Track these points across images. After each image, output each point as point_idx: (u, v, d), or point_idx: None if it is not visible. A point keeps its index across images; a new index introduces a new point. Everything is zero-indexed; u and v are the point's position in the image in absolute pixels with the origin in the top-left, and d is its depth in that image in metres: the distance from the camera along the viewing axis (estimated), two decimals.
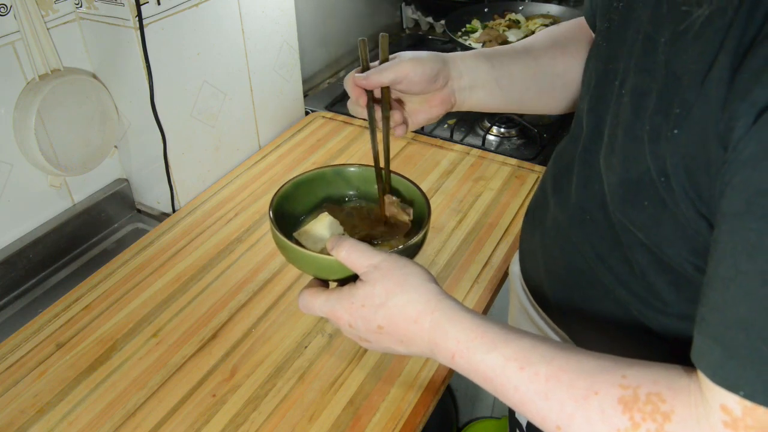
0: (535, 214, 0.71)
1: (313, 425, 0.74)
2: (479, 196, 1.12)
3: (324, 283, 0.65)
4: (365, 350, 0.83)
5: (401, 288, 0.55)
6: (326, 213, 0.71)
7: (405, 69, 0.67)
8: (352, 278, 0.60)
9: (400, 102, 0.73)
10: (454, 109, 0.74)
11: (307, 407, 0.77)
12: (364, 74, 0.67)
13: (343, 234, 0.68)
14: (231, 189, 1.17)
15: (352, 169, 0.76)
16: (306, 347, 0.84)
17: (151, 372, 0.82)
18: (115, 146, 1.12)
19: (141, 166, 1.13)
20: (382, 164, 0.72)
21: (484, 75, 0.72)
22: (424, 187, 1.15)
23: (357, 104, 0.70)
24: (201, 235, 1.06)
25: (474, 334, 0.51)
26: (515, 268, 0.78)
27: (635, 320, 0.56)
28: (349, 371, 0.81)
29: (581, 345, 0.52)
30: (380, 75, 0.67)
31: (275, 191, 0.71)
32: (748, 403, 0.38)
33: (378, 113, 0.70)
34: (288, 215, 0.72)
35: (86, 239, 1.10)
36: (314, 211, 0.75)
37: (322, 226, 0.70)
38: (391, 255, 0.57)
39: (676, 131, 0.44)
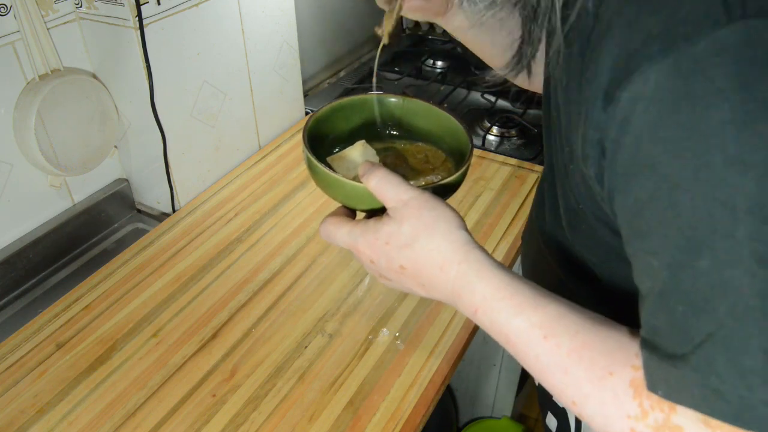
0: (525, 232, 0.73)
1: (313, 425, 0.74)
2: (479, 196, 1.12)
3: (351, 213, 0.61)
4: (365, 351, 0.83)
5: (429, 231, 0.53)
6: (363, 141, 0.67)
7: None
8: (381, 210, 0.57)
9: None
10: (438, 22, 0.71)
11: (307, 407, 0.77)
12: None
13: (379, 163, 0.63)
14: (231, 189, 1.17)
15: (393, 99, 0.72)
16: (306, 347, 0.85)
17: (151, 372, 0.82)
18: (115, 146, 1.12)
19: (141, 166, 1.13)
20: None
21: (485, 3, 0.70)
22: None
23: None
24: (201, 235, 1.06)
25: (501, 294, 0.49)
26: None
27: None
28: (349, 371, 0.81)
29: None
30: None
31: (311, 114, 0.67)
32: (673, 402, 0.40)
33: None
34: (323, 140, 0.69)
35: (86, 239, 1.10)
36: (351, 139, 0.71)
37: (357, 153, 0.66)
38: (424, 193, 0.54)
39: (571, 167, 0.48)
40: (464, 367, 1.37)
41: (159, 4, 0.97)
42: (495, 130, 1.33)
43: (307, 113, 1.42)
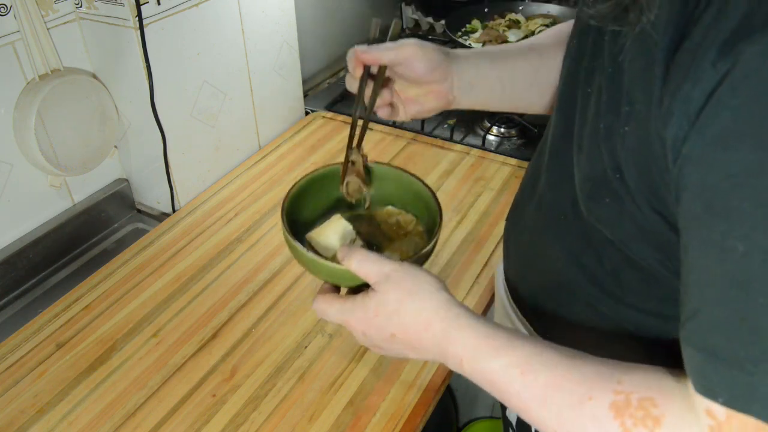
0: (512, 213, 0.71)
1: (313, 425, 0.74)
2: (479, 196, 1.12)
3: (336, 288, 0.66)
4: (365, 350, 0.83)
5: (412, 297, 0.56)
6: (339, 216, 0.71)
7: (408, 51, 0.66)
8: (364, 285, 0.61)
9: (396, 93, 0.72)
10: (452, 107, 0.73)
11: (307, 407, 0.77)
12: (367, 47, 0.66)
13: (355, 238, 0.69)
14: (231, 189, 1.17)
15: (368, 165, 0.75)
16: (306, 347, 0.84)
17: (151, 372, 0.82)
18: (115, 146, 1.12)
19: (141, 166, 1.13)
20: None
21: (485, 73, 0.72)
22: None
23: (353, 75, 0.69)
24: (201, 235, 1.06)
25: (480, 341, 0.52)
26: (500, 267, 0.78)
27: (608, 320, 0.56)
28: (349, 371, 0.81)
29: (552, 341, 0.52)
30: (382, 51, 0.66)
31: (286, 193, 0.71)
32: (730, 409, 0.37)
33: (369, 91, 0.69)
34: (299, 214, 0.72)
35: (86, 239, 1.10)
36: (326, 213, 0.75)
37: (333, 228, 0.70)
38: (403, 264, 0.58)
39: (626, 128, 0.44)
40: None
41: (159, 4, 0.97)
42: (495, 130, 1.32)
43: (307, 113, 1.42)
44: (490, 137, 1.31)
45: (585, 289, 0.56)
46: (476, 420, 1.47)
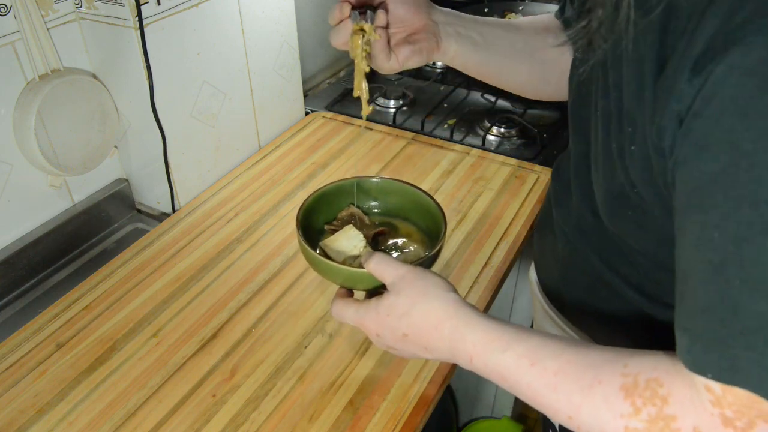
0: (543, 225, 0.74)
1: (313, 425, 0.74)
2: (479, 196, 1.12)
3: (350, 292, 0.70)
4: (365, 350, 0.83)
5: (423, 297, 0.59)
6: (351, 225, 0.78)
7: None
8: (380, 288, 0.65)
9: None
10: (436, 57, 0.74)
11: (307, 407, 0.77)
12: None
13: (366, 245, 0.75)
14: (231, 189, 1.17)
15: (373, 180, 0.83)
16: (306, 347, 0.85)
17: (151, 372, 0.82)
18: (115, 146, 1.12)
19: (141, 166, 1.13)
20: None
21: (469, 26, 0.74)
22: (424, 186, 1.15)
23: (340, 12, 0.71)
24: (201, 235, 1.06)
25: (489, 337, 0.54)
26: (533, 275, 0.81)
27: (647, 317, 0.58)
28: (349, 371, 0.81)
29: (599, 343, 0.54)
30: None
31: (299, 205, 0.78)
32: (724, 383, 0.40)
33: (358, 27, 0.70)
34: (314, 222, 0.81)
35: (86, 239, 1.10)
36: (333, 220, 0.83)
37: (345, 237, 0.76)
38: (415, 267, 0.62)
39: (633, 147, 0.48)
40: None
41: (159, 4, 0.97)
42: (495, 130, 1.32)
43: (307, 113, 1.42)
44: (490, 137, 1.31)
45: (624, 292, 0.59)
46: (476, 420, 1.47)
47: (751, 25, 0.37)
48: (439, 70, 1.59)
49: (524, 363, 0.51)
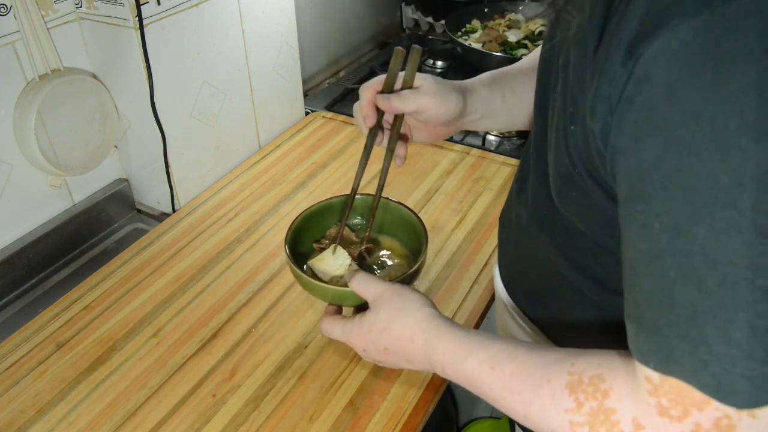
0: (504, 214, 0.75)
1: (313, 425, 0.74)
2: (479, 196, 1.12)
3: (339, 308, 0.75)
4: None
5: (399, 313, 0.63)
6: (336, 245, 0.81)
7: (428, 104, 0.70)
8: (361, 305, 0.70)
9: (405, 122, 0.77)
10: (455, 125, 0.77)
11: (307, 407, 0.77)
12: (387, 97, 0.71)
13: (351, 263, 0.79)
14: (231, 189, 1.17)
15: (358, 197, 0.85)
16: (306, 347, 0.85)
17: (151, 372, 0.82)
18: (115, 146, 1.12)
19: (141, 166, 1.13)
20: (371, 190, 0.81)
21: (496, 106, 0.76)
22: (424, 187, 1.15)
23: (364, 121, 0.74)
24: (201, 235, 1.06)
25: (456, 344, 0.57)
26: (495, 269, 0.81)
27: (598, 308, 0.59)
28: (349, 371, 0.81)
29: (551, 334, 0.58)
30: (402, 103, 0.70)
31: (288, 226, 0.82)
32: (659, 372, 0.41)
33: (382, 141, 0.76)
34: (302, 241, 0.84)
35: (86, 239, 1.10)
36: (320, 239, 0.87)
37: (332, 256, 0.80)
38: (394, 284, 0.66)
39: (572, 127, 0.49)
40: None
41: (159, 4, 0.97)
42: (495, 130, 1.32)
43: (307, 113, 1.42)
44: (490, 137, 1.31)
45: (572, 277, 0.60)
46: (476, 420, 1.47)
47: (676, 7, 0.36)
48: (439, 70, 1.59)
49: (485, 368, 0.54)
